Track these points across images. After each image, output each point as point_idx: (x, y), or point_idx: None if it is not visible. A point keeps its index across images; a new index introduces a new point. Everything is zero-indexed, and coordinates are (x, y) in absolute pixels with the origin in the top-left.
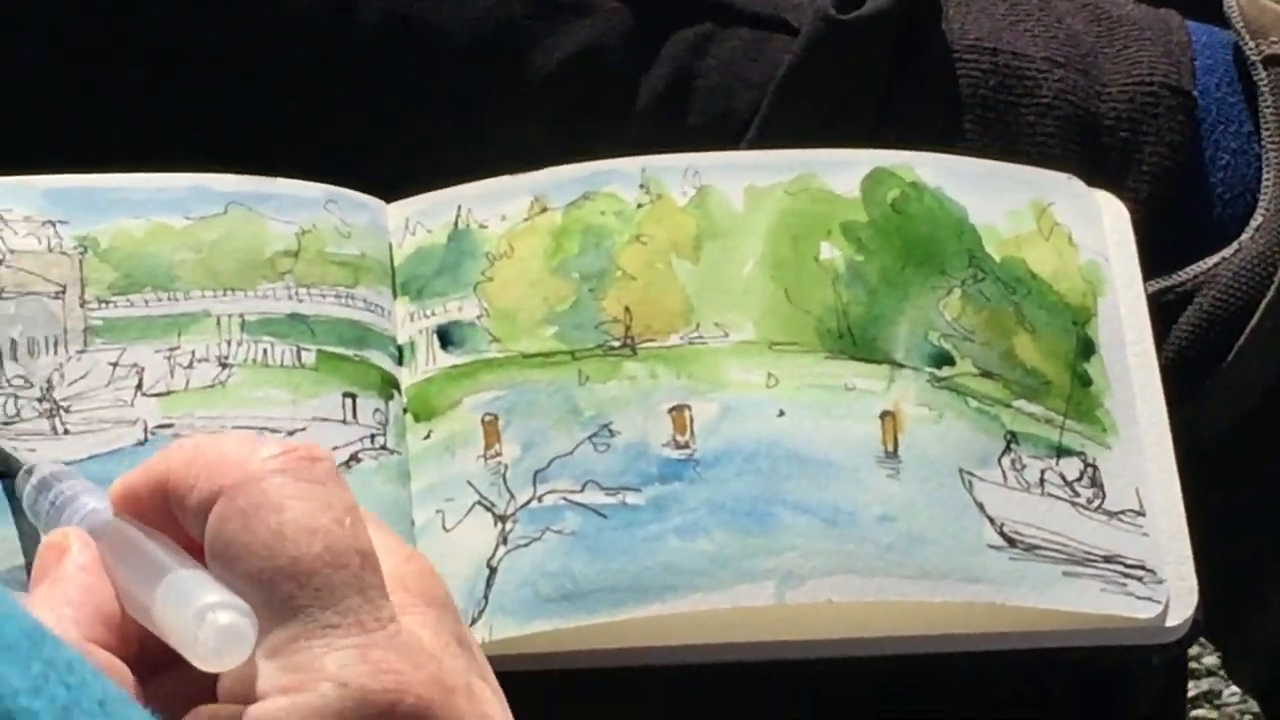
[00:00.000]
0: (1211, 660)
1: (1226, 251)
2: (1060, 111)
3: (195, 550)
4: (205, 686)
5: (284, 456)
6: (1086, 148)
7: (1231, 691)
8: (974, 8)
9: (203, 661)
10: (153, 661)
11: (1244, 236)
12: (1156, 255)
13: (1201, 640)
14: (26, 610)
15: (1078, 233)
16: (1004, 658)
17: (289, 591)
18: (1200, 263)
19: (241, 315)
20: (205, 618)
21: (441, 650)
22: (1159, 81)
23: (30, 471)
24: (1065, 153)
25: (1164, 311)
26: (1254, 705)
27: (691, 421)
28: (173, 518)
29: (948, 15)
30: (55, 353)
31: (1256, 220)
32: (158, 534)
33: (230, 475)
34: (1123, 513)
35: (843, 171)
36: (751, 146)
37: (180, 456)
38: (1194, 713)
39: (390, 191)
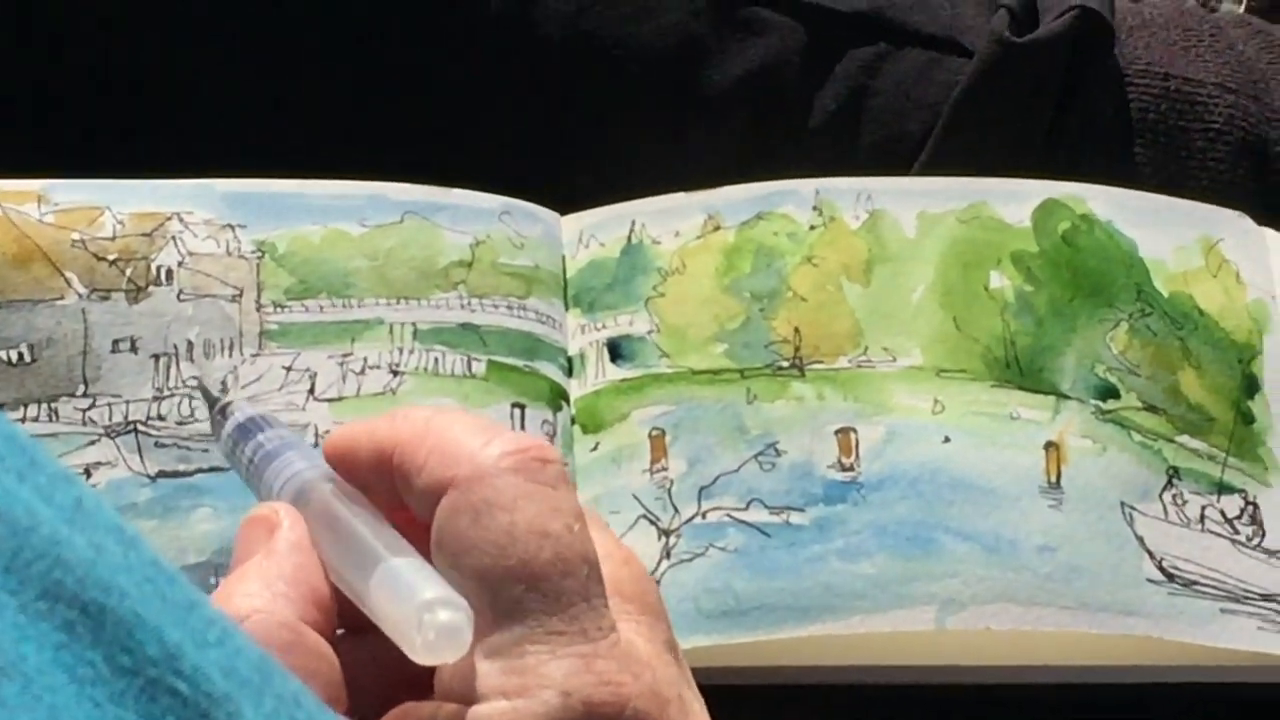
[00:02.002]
0: None
1: None
2: (1231, 137)
3: (402, 519)
4: (405, 659)
5: (517, 455)
6: (1257, 173)
7: None
8: (1146, 32)
9: (418, 656)
10: (353, 625)
11: None
12: None
13: None
14: (254, 644)
15: (1245, 270)
16: (1159, 690)
17: (517, 594)
18: None
19: (414, 324)
20: (424, 616)
21: (656, 659)
22: None
23: (225, 413)
24: (1235, 178)
25: None
26: None
27: (857, 444)
28: (386, 483)
29: (1120, 39)
30: (230, 355)
31: None
32: (368, 505)
33: (463, 466)
34: None
35: (1014, 201)
36: (924, 167)
37: (410, 430)
38: None
39: (566, 204)
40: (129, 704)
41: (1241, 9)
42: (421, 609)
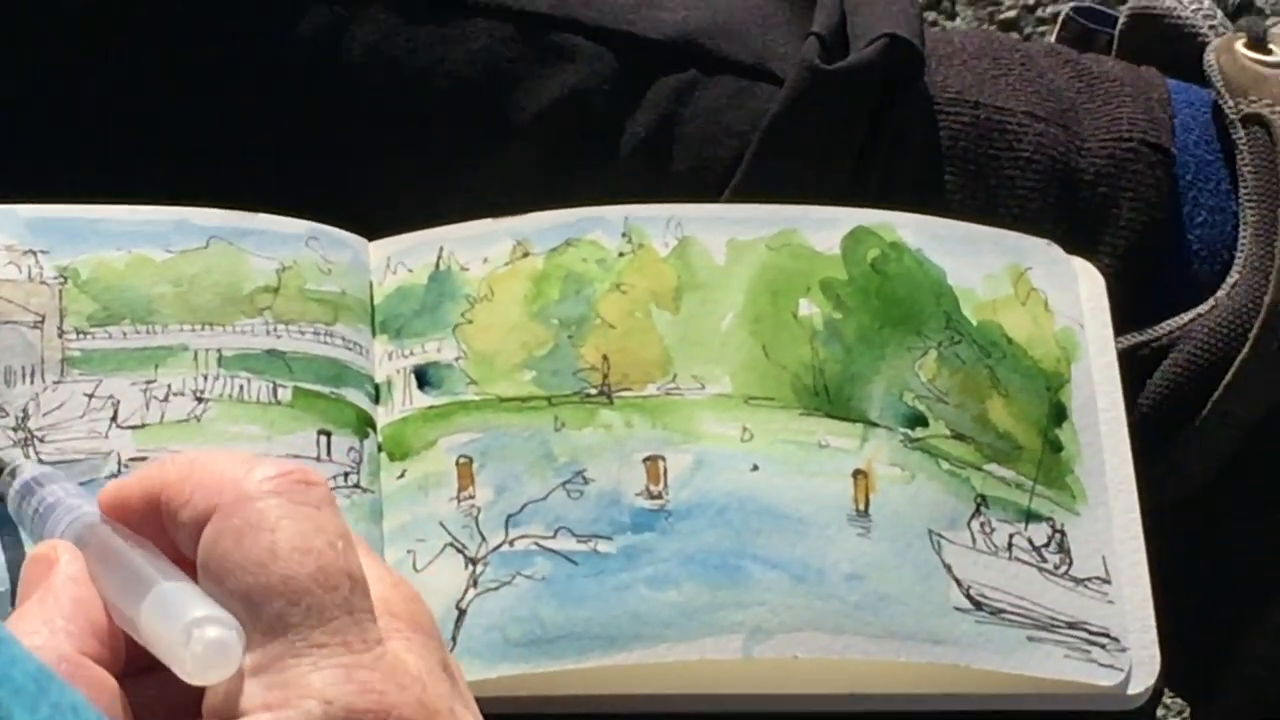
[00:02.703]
0: None
1: (1202, 307)
2: (1040, 166)
3: (184, 564)
4: (189, 692)
5: (279, 478)
6: (1065, 202)
7: None
8: (956, 61)
9: (189, 675)
10: (138, 665)
11: (1220, 293)
12: (1133, 310)
13: (1166, 702)
14: (33, 654)
15: (1054, 299)
16: (967, 718)
17: (279, 609)
18: (1176, 318)
19: (219, 350)
20: (193, 632)
21: (426, 674)
22: (1138, 138)
23: (14, 474)
24: (1044, 206)
25: (1139, 366)
26: None
27: (665, 472)
28: (162, 528)
29: (930, 68)
30: (31, 382)
31: (1233, 277)
32: (144, 542)
33: (225, 494)
34: (1089, 580)
35: (824, 229)
36: (734, 194)
37: (175, 471)
38: None
39: (372, 231)
40: None
41: (1052, 39)
42: (190, 627)
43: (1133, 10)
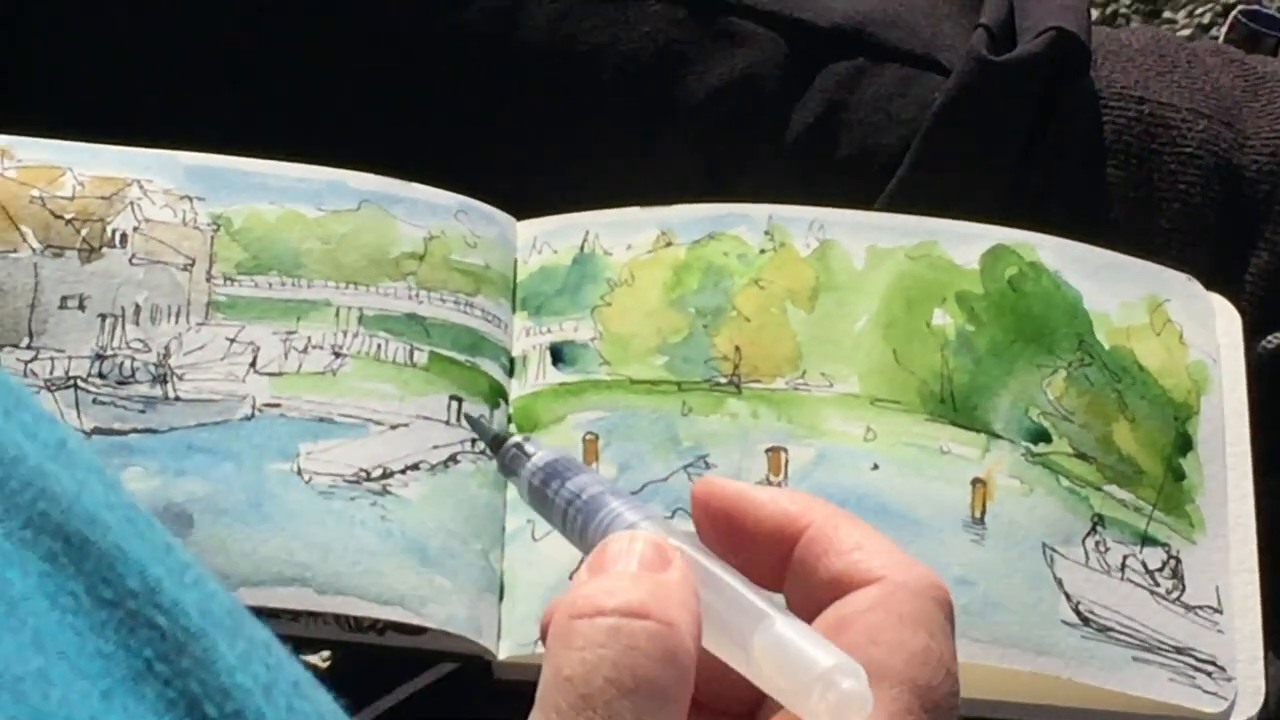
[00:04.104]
0: None
1: None
2: (1203, 162)
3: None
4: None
5: (941, 591)
6: (1227, 198)
7: None
8: (1123, 56)
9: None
10: None
11: None
12: None
13: None
14: (226, 590)
15: (1189, 332)
16: None
17: (910, 706)
18: None
19: (360, 309)
20: (831, 681)
21: None
22: None
23: (522, 449)
24: (1206, 202)
25: None
26: None
27: (787, 464)
28: (758, 549)
29: (1097, 63)
30: (176, 322)
31: None
32: (726, 564)
33: (894, 571)
34: (1201, 608)
35: (965, 243)
36: (899, 183)
37: (825, 514)
38: None
39: (529, 203)
40: (109, 634)
41: (1221, 40)
42: (826, 675)
43: None
